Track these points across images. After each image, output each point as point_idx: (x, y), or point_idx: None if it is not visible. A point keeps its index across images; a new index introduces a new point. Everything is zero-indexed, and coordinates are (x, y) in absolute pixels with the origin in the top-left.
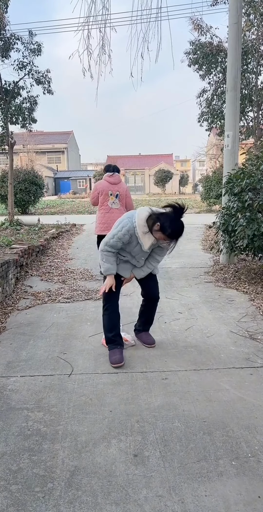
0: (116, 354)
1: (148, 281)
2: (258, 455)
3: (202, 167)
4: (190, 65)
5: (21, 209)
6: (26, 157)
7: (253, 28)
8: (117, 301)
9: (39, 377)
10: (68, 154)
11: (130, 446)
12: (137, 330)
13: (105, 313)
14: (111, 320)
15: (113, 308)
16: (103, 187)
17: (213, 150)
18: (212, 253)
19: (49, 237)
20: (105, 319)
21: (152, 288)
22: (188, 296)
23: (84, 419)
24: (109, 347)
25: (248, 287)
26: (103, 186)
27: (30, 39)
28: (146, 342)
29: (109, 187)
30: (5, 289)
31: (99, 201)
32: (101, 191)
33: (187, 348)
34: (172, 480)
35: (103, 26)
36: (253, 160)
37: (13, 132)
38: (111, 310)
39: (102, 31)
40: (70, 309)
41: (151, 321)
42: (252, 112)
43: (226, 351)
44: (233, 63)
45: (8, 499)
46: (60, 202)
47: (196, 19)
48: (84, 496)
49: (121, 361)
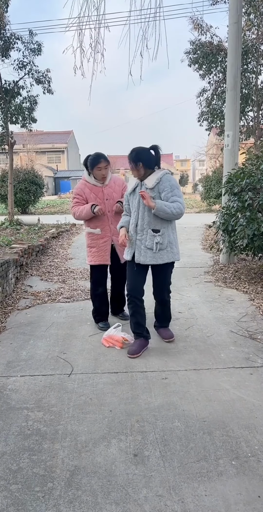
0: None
1: (154, 281)
2: (258, 455)
3: (202, 167)
4: (190, 65)
5: (21, 209)
6: (26, 156)
7: (253, 28)
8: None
9: (39, 377)
10: (68, 154)
11: (130, 445)
12: (156, 326)
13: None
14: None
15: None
16: None
17: (213, 150)
18: (212, 252)
19: (49, 237)
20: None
21: (155, 289)
22: (188, 296)
23: (84, 418)
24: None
25: (248, 286)
26: None
27: (30, 39)
28: (163, 337)
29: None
30: (5, 289)
31: None
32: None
33: (187, 348)
34: (172, 479)
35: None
36: (253, 159)
37: (13, 132)
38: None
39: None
40: (70, 309)
41: (165, 319)
42: (252, 112)
43: (226, 351)
44: (233, 62)
45: (8, 499)
46: (60, 202)
47: (196, 19)
48: (84, 495)
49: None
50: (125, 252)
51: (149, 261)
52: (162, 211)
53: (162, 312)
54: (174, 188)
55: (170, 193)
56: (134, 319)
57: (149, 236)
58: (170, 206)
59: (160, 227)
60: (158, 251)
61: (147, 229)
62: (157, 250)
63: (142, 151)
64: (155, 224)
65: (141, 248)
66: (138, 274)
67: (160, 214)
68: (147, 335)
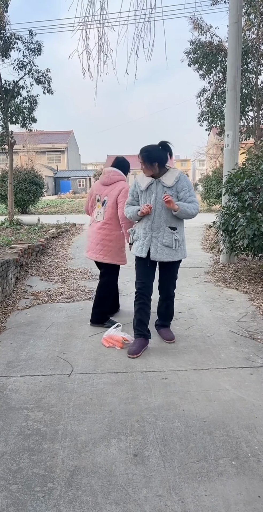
0: None
1: (162, 277)
2: (258, 455)
3: (202, 167)
4: (190, 65)
5: (21, 209)
6: (26, 156)
7: (253, 28)
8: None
9: (39, 377)
10: (68, 154)
11: (130, 445)
12: (157, 325)
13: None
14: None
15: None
16: (93, 189)
17: (213, 150)
18: (212, 252)
19: (49, 237)
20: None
21: (162, 285)
22: (188, 296)
23: (84, 418)
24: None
25: (248, 286)
26: (93, 188)
27: (30, 39)
28: (164, 338)
29: (99, 189)
30: (5, 289)
31: (90, 205)
32: (91, 194)
33: (187, 348)
34: (172, 479)
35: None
36: (253, 159)
37: (13, 132)
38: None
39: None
40: (70, 309)
41: (168, 317)
42: (252, 112)
43: (226, 351)
44: (233, 62)
45: (8, 499)
46: (60, 202)
47: (196, 19)
48: (84, 495)
49: None
50: (136, 249)
51: (165, 258)
52: (184, 213)
53: (166, 309)
54: (190, 188)
55: (188, 193)
56: (138, 316)
57: (166, 234)
58: (190, 207)
59: (176, 225)
60: (178, 248)
61: (164, 227)
62: (177, 247)
63: (155, 150)
64: (171, 222)
65: (157, 246)
66: (150, 272)
67: (181, 215)
68: (147, 335)
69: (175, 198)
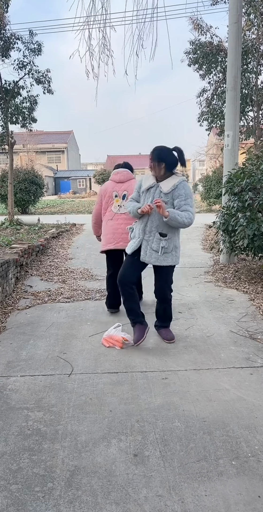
0: None
1: (156, 280)
2: (258, 455)
3: (202, 167)
4: (190, 65)
5: (21, 209)
6: (26, 156)
7: (253, 28)
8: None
9: (39, 377)
10: (68, 154)
11: (130, 445)
12: (156, 326)
13: None
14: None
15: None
16: (107, 188)
17: (213, 150)
18: (212, 253)
19: (49, 237)
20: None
21: (156, 288)
22: (188, 296)
23: (84, 418)
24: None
25: (248, 287)
26: (106, 186)
27: (31, 39)
28: (164, 338)
29: (114, 186)
30: (5, 289)
31: (102, 206)
32: (104, 193)
33: (187, 348)
34: (172, 479)
35: (103, 26)
36: (253, 159)
37: (13, 132)
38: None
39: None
40: (70, 309)
41: (166, 319)
42: (252, 112)
43: (226, 351)
44: (233, 62)
45: (8, 499)
46: (60, 202)
47: (196, 19)
48: (84, 495)
49: None
50: (129, 247)
51: (153, 262)
52: (174, 220)
53: (163, 311)
54: (187, 197)
55: (183, 201)
56: (126, 305)
57: (155, 239)
58: (182, 216)
59: (167, 232)
60: (163, 254)
61: (155, 232)
62: (162, 254)
63: (166, 151)
64: (163, 228)
65: (147, 249)
66: (133, 265)
67: (172, 223)
68: (142, 320)
69: (170, 205)
